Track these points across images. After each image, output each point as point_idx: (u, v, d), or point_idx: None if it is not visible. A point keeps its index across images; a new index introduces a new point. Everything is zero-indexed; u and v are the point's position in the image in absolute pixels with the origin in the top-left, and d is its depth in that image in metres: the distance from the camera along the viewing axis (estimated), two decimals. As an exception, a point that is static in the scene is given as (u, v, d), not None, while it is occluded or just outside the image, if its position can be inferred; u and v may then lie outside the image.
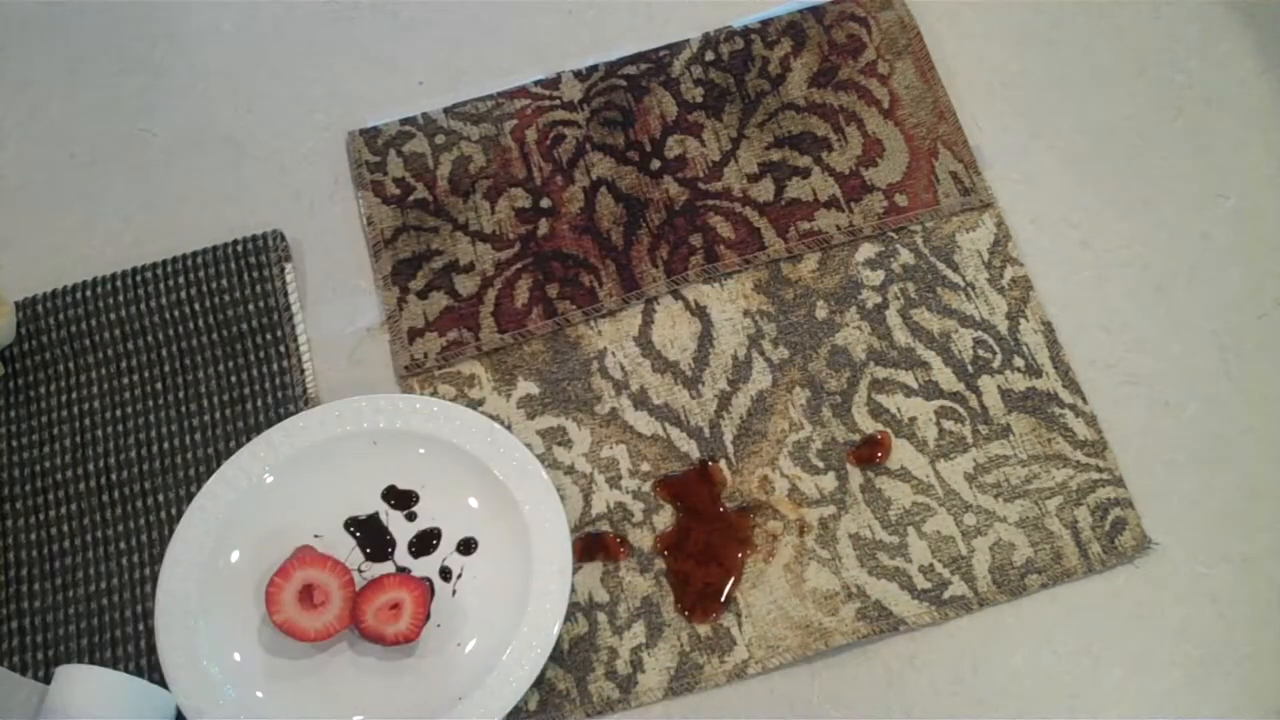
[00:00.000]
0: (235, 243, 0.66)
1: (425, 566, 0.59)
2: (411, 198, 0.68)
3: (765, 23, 0.71)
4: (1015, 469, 0.61)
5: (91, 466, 0.62)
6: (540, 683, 0.57)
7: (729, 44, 0.71)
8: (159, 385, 0.64)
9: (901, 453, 0.61)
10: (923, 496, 0.60)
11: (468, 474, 0.60)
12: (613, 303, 0.65)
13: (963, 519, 0.60)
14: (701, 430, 0.62)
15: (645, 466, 0.62)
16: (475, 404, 0.63)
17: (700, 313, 0.65)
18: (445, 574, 0.59)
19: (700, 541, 0.60)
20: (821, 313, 0.64)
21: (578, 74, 0.70)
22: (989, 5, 0.72)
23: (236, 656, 0.57)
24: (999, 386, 0.62)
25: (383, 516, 0.60)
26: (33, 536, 0.61)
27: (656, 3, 0.73)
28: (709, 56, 0.70)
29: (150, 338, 0.64)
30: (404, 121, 0.70)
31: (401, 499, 0.61)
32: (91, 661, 0.58)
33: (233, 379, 0.64)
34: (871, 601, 0.58)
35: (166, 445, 0.62)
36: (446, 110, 0.70)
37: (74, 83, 0.73)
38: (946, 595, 0.58)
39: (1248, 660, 0.57)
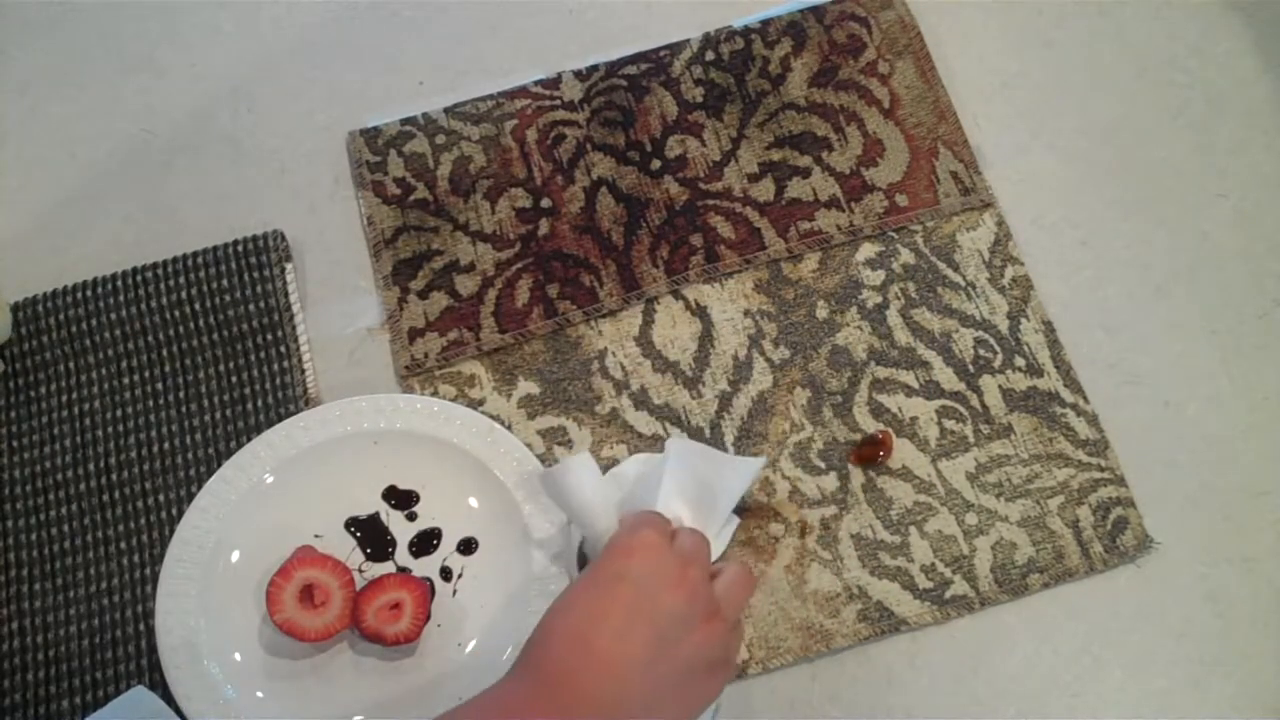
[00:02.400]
0: (235, 243, 0.66)
1: (426, 566, 0.59)
2: (412, 198, 0.68)
3: (765, 23, 0.71)
4: (1017, 468, 0.61)
5: (91, 466, 0.62)
6: (541, 683, 0.57)
7: (729, 44, 0.71)
8: (159, 385, 0.64)
9: (903, 452, 0.61)
10: (924, 496, 0.60)
11: (468, 474, 0.60)
12: (613, 303, 0.65)
13: (964, 518, 0.60)
14: (702, 431, 0.62)
15: (646, 466, 0.62)
16: (476, 404, 0.63)
17: (701, 313, 0.65)
18: (446, 574, 0.59)
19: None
20: (822, 312, 0.64)
21: (578, 74, 0.70)
22: (989, 5, 0.72)
23: (236, 656, 0.57)
24: (1000, 386, 0.62)
25: (383, 516, 0.60)
26: (33, 536, 0.61)
27: (656, 3, 0.73)
28: (709, 56, 0.70)
29: (150, 338, 0.64)
30: (404, 121, 0.70)
31: (402, 499, 0.61)
32: (91, 662, 0.58)
33: (233, 379, 0.64)
34: (873, 602, 0.58)
35: (166, 445, 0.62)
36: (447, 110, 0.70)
37: (74, 83, 0.72)
38: (948, 595, 0.58)
39: (1248, 660, 0.57)
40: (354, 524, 0.60)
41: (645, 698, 0.44)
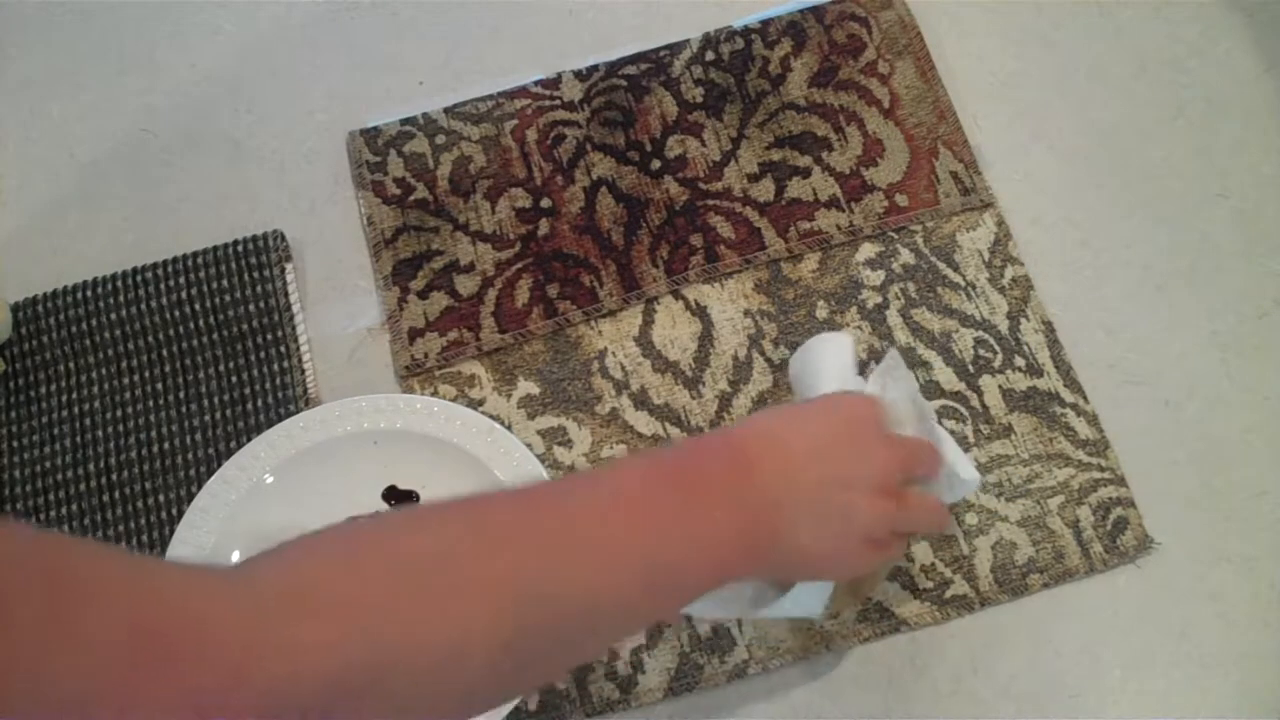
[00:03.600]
0: (235, 243, 0.66)
1: (426, 566, 0.59)
2: (412, 198, 0.68)
3: (765, 23, 0.71)
4: (1017, 468, 0.61)
5: (91, 466, 0.62)
6: (541, 683, 0.57)
7: (729, 44, 0.71)
8: (159, 385, 0.64)
9: (902, 452, 0.61)
10: (924, 496, 0.60)
11: (468, 474, 0.60)
12: (613, 303, 0.65)
13: (964, 518, 0.60)
14: (702, 431, 0.62)
15: (646, 466, 0.61)
16: (476, 404, 0.63)
17: (701, 313, 0.65)
18: (446, 574, 0.59)
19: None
20: (822, 313, 0.64)
21: (578, 74, 0.70)
22: (989, 5, 0.72)
23: (237, 657, 0.57)
24: (1000, 386, 0.62)
25: (383, 516, 0.61)
26: (33, 537, 0.61)
27: (656, 3, 0.73)
28: (709, 56, 0.70)
29: (150, 338, 0.64)
30: (404, 121, 0.70)
31: (402, 499, 0.61)
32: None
33: (233, 379, 0.64)
34: (873, 603, 0.58)
35: (166, 445, 0.62)
36: (447, 110, 0.70)
37: (74, 83, 0.73)
38: (948, 595, 0.58)
39: (1248, 660, 0.57)
40: (354, 524, 0.60)
41: (804, 510, 0.44)
